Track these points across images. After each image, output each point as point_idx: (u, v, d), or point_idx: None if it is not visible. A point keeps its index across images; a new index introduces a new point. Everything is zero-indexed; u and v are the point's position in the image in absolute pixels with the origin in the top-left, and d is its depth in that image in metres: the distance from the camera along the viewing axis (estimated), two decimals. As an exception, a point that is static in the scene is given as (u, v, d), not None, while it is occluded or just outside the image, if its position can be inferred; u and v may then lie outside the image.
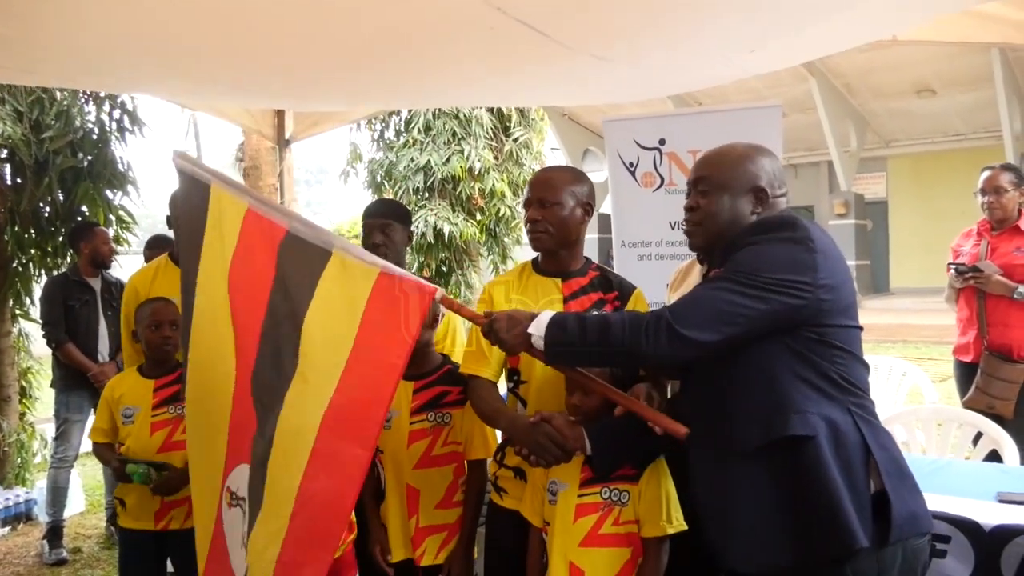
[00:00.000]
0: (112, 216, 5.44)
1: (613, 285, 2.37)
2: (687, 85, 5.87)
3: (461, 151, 10.74)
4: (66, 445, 4.65)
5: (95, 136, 5.34)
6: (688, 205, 1.96)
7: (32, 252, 5.35)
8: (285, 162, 6.03)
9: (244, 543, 2.11)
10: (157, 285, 3.27)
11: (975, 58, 14.99)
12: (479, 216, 11.05)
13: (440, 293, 1.94)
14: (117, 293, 4.66)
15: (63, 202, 5.23)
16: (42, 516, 4.88)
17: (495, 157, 11.16)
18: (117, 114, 5.44)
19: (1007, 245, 3.85)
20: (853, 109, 18.18)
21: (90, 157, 5.30)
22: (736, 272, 1.75)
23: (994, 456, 3.33)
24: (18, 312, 5.53)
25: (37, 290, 5.23)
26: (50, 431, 5.12)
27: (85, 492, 5.55)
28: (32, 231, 5.33)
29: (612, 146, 4.31)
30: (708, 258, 2.06)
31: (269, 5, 2.08)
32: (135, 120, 5.49)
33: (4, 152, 5.18)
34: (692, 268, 2.71)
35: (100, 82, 3.67)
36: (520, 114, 11.38)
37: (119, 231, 5.52)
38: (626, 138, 4.24)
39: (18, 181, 5.22)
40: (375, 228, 2.92)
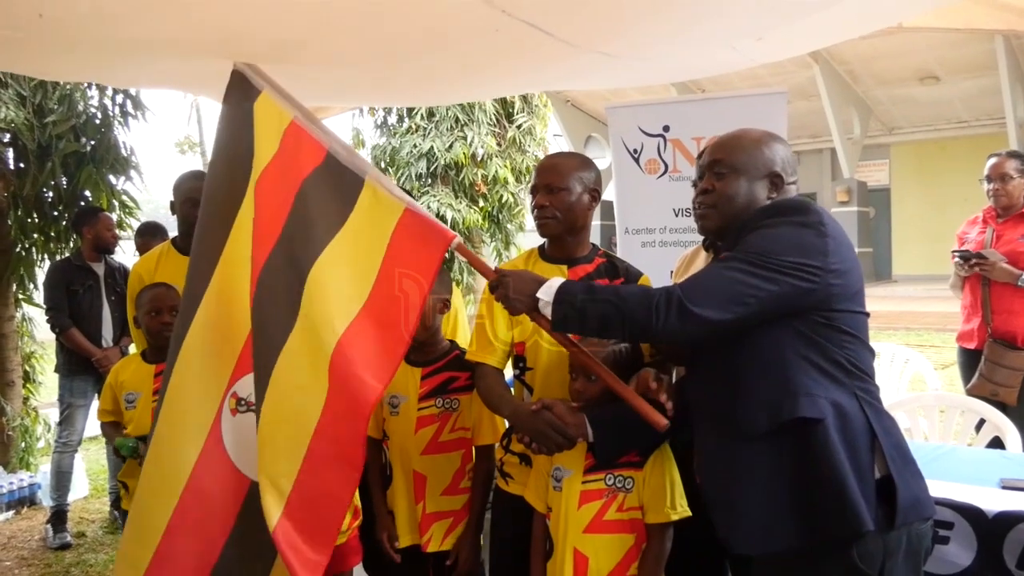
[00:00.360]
0: (115, 201, 5.45)
1: (620, 271, 2.36)
2: (692, 73, 5.86)
3: (464, 137, 10.73)
4: (70, 430, 4.66)
5: (98, 121, 5.35)
6: (703, 187, 1.94)
7: (35, 237, 5.36)
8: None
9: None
10: (160, 271, 3.26)
11: (979, 45, 14.96)
12: (482, 203, 11.06)
13: (458, 240, 2.00)
14: (120, 278, 4.68)
15: (66, 187, 5.23)
16: (46, 500, 4.90)
17: (498, 143, 11.16)
18: (120, 99, 5.43)
19: (1012, 232, 3.84)
20: (856, 96, 18.14)
21: (93, 142, 5.30)
22: (748, 253, 1.74)
23: (997, 443, 3.34)
24: (21, 297, 5.55)
25: (40, 275, 5.25)
26: (54, 416, 5.15)
27: (89, 476, 5.58)
28: (35, 216, 5.34)
29: (616, 133, 4.30)
30: (719, 241, 2.05)
31: (279, 12, 2.06)
32: (138, 105, 5.49)
33: (7, 137, 5.17)
34: (697, 255, 2.71)
35: (112, 76, 3.67)
36: (523, 101, 11.35)
37: (122, 216, 5.53)
38: (630, 125, 4.23)
39: (21, 166, 5.22)
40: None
